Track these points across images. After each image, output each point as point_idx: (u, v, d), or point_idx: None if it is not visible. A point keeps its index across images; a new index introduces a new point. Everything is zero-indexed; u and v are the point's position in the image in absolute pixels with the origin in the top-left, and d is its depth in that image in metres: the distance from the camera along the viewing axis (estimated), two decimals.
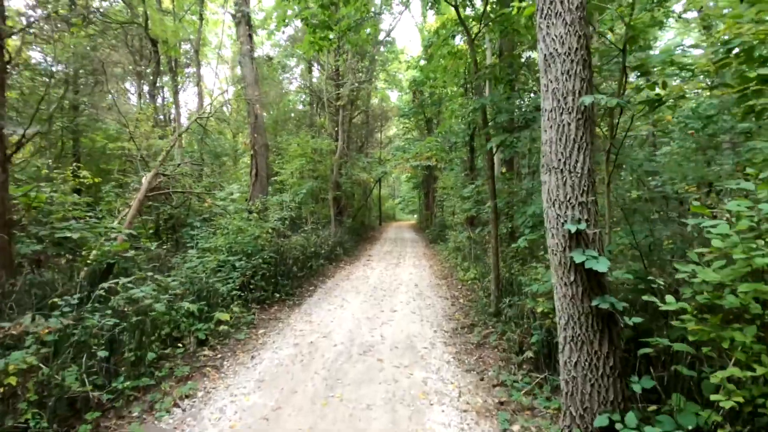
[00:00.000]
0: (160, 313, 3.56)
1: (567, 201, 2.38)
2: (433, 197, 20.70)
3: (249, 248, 6.57)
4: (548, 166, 2.48)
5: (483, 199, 9.63)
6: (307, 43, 6.17)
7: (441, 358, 4.15)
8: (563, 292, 2.42)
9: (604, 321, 2.34)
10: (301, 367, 3.91)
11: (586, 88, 2.39)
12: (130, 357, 3.20)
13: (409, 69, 17.87)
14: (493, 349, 4.35)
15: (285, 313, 5.87)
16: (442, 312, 5.92)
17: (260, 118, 9.36)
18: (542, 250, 4.46)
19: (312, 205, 13.68)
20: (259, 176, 9.25)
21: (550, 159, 2.46)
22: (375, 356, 4.20)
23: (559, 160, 2.41)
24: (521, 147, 5.32)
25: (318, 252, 9.54)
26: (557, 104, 2.42)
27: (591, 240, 2.37)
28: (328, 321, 5.42)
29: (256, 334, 4.93)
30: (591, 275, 2.34)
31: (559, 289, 2.46)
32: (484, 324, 5.17)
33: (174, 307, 4.00)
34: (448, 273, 9.03)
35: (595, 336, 2.33)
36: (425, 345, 4.52)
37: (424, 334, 4.92)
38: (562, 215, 2.40)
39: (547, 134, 2.48)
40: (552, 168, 2.44)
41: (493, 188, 5.49)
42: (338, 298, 6.69)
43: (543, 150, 2.54)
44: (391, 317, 5.61)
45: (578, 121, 2.38)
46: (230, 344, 4.57)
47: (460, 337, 4.80)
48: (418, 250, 13.50)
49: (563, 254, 2.41)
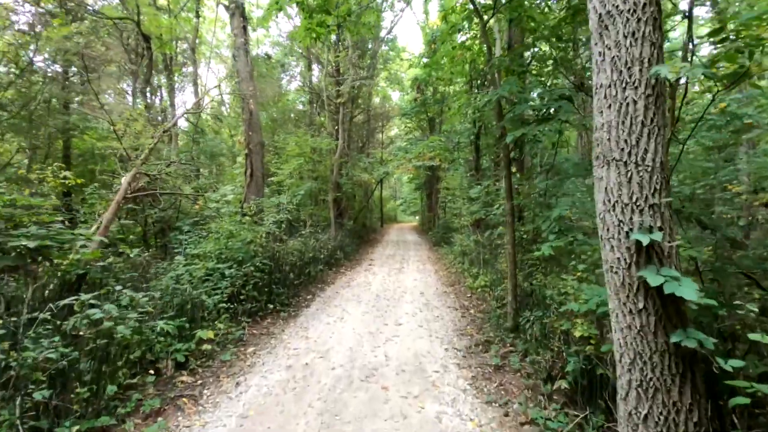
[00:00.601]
0: (124, 337, 3.00)
1: (633, 203, 1.82)
2: (436, 198, 20.14)
3: (240, 255, 6.01)
4: (605, 158, 1.91)
5: (491, 201, 9.07)
6: (303, 30, 5.62)
7: (455, 384, 3.58)
8: (627, 321, 1.86)
9: (685, 362, 1.77)
10: (294, 397, 3.35)
11: (657, 55, 1.83)
12: (84, 393, 2.64)
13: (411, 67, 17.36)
14: (514, 373, 3.78)
15: (279, 327, 5.31)
16: (452, 325, 5.34)
17: (255, 114, 8.82)
18: (571, 259, 3.89)
19: (311, 207, 13.12)
20: (255, 176, 8.70)
21: (609, 149, 1.89)
22: (379, 382, 3.63)
23: (622, 149, 1.84)
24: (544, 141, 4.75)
25: (317, 257, 8.98)
26: (618, 77, 1.86)
27: (666, 254, 1.80)
28: (326, 337, 4.86)
29: (245, 353, 4.36)
30: (667, 301, 1.78)
31: (620, 318, 1.90)
32: (501, 341, 4.60)
33: (145, 328, 3.44)
34: (456, 279, 8.46)
35: (674, 382, 1.76)
36: (436, 368, 3.94)
37: (434, 352, 4.35)
38: (626, 221, 1.84)
39: (604, 117, 1.92)
40: (611, 160, 1.88)
41: (510, 188, 4.93)
42: (338, 309, 6.13)
43: (597, 138, 1.98)
44: (396, 332, 5.04)
45: (647, 99, 1.81)
46: (214, 366, 4.00)
47: (476, 357, 4.23)
48: (421, 254, 12.93)
49: (627, 273, 1.84)
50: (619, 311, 1.91)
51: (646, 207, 1.81)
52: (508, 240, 4.94)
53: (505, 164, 4.81)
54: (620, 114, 1.86)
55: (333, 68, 14.53)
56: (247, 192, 8.57)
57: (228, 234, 6.36)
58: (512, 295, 4.80)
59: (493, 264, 7.66)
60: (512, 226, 4.88)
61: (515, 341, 4.46)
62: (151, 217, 7.88)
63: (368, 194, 19.63)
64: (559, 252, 4.13)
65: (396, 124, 25.87)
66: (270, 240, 7.39)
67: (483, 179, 11.78)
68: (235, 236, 6.35)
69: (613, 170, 1.88)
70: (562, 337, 3.30)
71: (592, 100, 2.05)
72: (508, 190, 4.90)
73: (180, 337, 4.05)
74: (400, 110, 20.94)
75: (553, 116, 4.21)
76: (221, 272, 5.58)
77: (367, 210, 19.81)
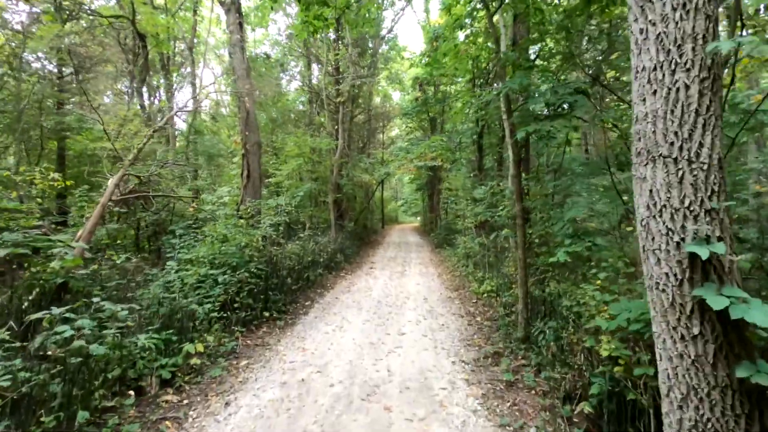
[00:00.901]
0: (99, 356, 2.71)
1: (686, 208, 1.52)
2: (437, 199, 19.84)
3: (235, 260, 5.72)
4: (650, 154, 1.61)
5: (496, 202, 8.77)
6: (301, 23, 5.34)
7: (465, 404, 3.27)
8: (678, 349, 1.55)
9: (752, 401, 1.46)
10: (288, 420, 3.04)
11: (713, 30, 1.53)
12: (50, 422, 2.34)
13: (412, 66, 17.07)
14: (529, 391, 3.47)
15: (275, 337, 5.01)
16: (459, 335, 5.04)
17: (252, 113, 8.53)
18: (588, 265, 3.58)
19: (310, 209, 12.83)
20: (251, 177, 8.40)
21: (654, 143, 1.59)
22: (381, 401, 3.33)
23: (671, 143, 1.54)
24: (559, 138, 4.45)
25: (316, 260, 8.68)
26: (666, 57, 1.56)
27: (727, 270, 1.49)
28: (324, 348, 4.56)
29: (237, 367, 4.07)
30: (728, 327, 1.47)
31: (669, 345, 1.59)
32: (512, 353, 4.29)
33: (127, 343, 3.14)
34: (460, 284, 8.15)
35: (738, 424, 1.46)
36: (443, 384, 3.64)
37: (440, 366, 4.04)
38: (676, 230, 1.54)
39: (648, 105, 1.62)
40: (658, 156, 1.58)
41: (520, 189, 4.63)
42: (337, 317, 5.82)
43: (638, 130, 1.68)
44: (398, 342, 4.74)
45: (702, 83, 1.51)
46: (203, 383, 3.70)
47: (485, 372, 3.92)
48: (423, 256, 12.62)
49: (678, 291, 1.54)
50: (666, 336, 1.60)
51: (701, 212, 1.51)
52: (518, 244, 4.63)
53: (514, 163, 4.51)
54: (668, 101, 1.55)
55: (332, 67, 14.25)
56: (243, 194, 8.27)
57: (222, 238, 6.08)
58: (523, 303, 4.50)
59: (499, 268, 7.35)
60: (523, 229, 4.57)
61: (527, 353, 4.15)
62: (144, 220, 7.60)
63: (369, 195, 19.34)
64: (574, 257, 3.83)
65: (397, 125, 25.59)
66: (267, 243, 7.10)
67: (486, 179, 11.48)
68: (229, 240, 6.06)
69: (661, 168, 1.57)
70: (583, 354, 2.99)
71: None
72: (517, 192, 4.59)
73: (166, 351, 3.75)
74: (401, 110, 20.65)
75: (568, 112, 3.90)
76: (214, 278, 5.29)
77: (368, 211, 19.51)
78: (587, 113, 4.07)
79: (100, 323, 3.42)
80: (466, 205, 11.52)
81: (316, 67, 16.42)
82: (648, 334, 2.15)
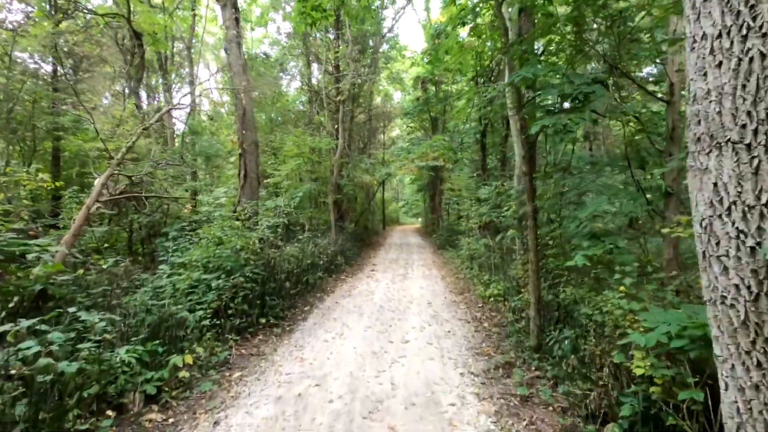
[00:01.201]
0: (72, 374, 2.43)
1: (763, 205, 1.23)
2: (439, 200, 19.55)
3: (229, 263, 5.44)
4: (714, 140, 1.32)
5: (501, 203, 8.48)
6: (297, 14, 5.08)
7: (477, 424, 2.98)
8: (753, 379, 1.26)
9: None
10: None
11: None
12: None
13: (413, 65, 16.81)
14: (546, 407, 3.18)
15: (271, 345, 4.73)
16: (466, 342, 4.75)
17: (249, 111, 8.26)
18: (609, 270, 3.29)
19: (310, 210, 12.55)
20: (249, 178, 8.12)
21: (720, 126, 1.31)
22: (385, 419, 3.04)
23: (743, 126, 1.26)
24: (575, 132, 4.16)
25: (315, 263, 8.40)
26: (734, 21, 1.27)
27: None
28: (323, 358, 4.27)
29: (229, 380, 3.78)
30: None
31: (738, 372, 1.30)
32: (525, 363, 4.00)
33: (103, 357, 2.86)
34: (465, 287, 7.86)
35: None
36: (452, 399, 3.35)
37: (448, 378, 3.75)
38: (750, 232, 1.25)
39: (710, 81, 1.34)
40: (725, 143, 1.29)
41: (531, 188, 4.34)
42: (337, 323, 5.54)
43: (694, 112, 1.40)
44: (402, 351, 4.45)
45: None
46: (192, 398, 3.42)
47: (497, 385, 3.63)
48: (426, 257, 12.33)
49: (754, 307, 1.25)
50: (736, 362, 1.31)
51: None
52: (529, 246, 4.35)
53: (525, 161, 4.22)
54: (739, 75, 1.27)
55: (332, 65, 13.99)
56: (240, 194, 7.99)
57: (216, 240, 5.80)
58: (535, 309, 4.21)
59: (505, 270, 7.06)
60: (534, 230, 4.29)
61: (541, 364, 3.86)
62: (137, 222, 7.32)
63: (370, 196, 19.05)
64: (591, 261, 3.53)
65: (398, 125, 25.34)
66: (265, 246, 6.82)
67: (489, 179, 11.19)
68: (224, 243, 5.78)
69: (729, 157, 1.29)
70: (610, 369, 2.69)
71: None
72: (529, 191, 4.31)
73: (152, 364, 3.47)
74: (403, 110, 20.39)
75: (584, 104, 3.62)
76: (207, 283, 5.02)
77: (369, 212, 19.22)
78: (604, 105, 3.78)
79: (79, 335, 3.16)
80: (470, 205, 11.24)
81: (316, 66, 16.17)
82: (695, 353, 1.86)
